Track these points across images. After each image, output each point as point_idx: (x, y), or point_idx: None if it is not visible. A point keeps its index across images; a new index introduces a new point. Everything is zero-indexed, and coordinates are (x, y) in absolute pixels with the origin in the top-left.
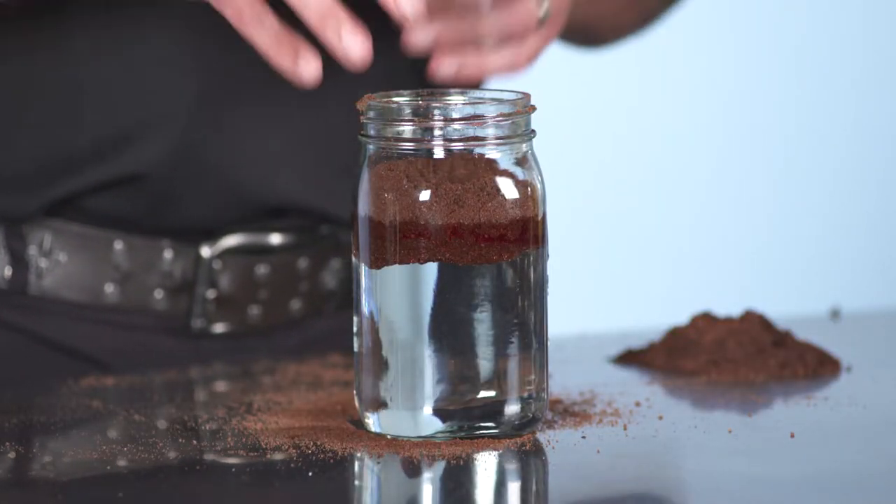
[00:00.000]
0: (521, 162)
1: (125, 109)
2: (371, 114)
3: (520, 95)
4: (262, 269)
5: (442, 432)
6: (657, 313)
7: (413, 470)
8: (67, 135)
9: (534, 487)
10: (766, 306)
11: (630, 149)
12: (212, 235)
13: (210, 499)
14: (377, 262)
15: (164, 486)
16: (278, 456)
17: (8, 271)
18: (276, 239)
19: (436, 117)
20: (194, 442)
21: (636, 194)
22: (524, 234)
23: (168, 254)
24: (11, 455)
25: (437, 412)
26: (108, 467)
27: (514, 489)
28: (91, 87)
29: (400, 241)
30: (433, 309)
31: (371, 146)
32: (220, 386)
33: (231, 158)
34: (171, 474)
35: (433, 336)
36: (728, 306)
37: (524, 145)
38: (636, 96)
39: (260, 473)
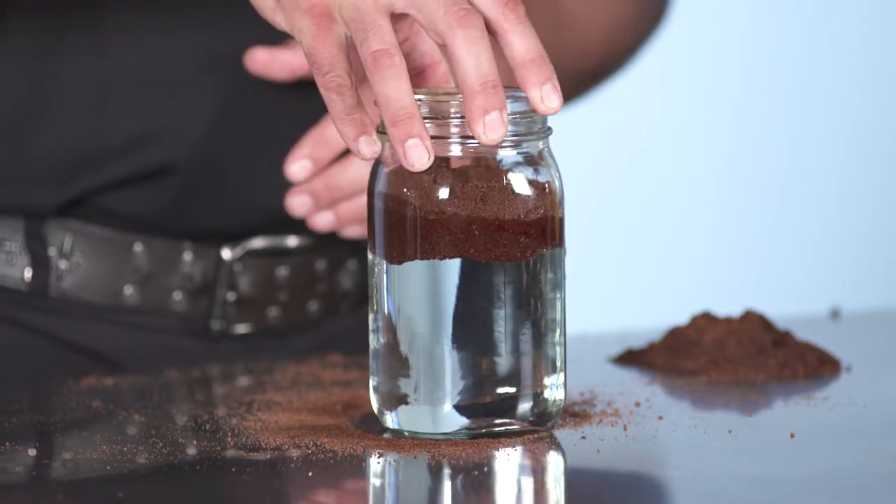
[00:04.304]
0: (539, 159)
1: (151, 106)
2: None
3: None
4: (282, 272)
5: (462, 430)
6: (657, 313)
7: (412, 470)
8: (94, 129)
9: (533, 487)
10: (766, 306)
11: (630, 150)
12: (233, 238)
13: (210, 498)
14: (398, 257)
15: (164, 485)
16: (278, 456)
17: (28, 273)
18: (294, 241)
19: (454, 115)
20: (194, 442)
21: (636, 195)
22: (545, 232)
23: (188, 256)
24: (11, 455)
25: (458, 408)
26: (108, 467)
27: (513, 489)
28: (119, 84)
29: (423, 237)
30: (455, 306)
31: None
32: (221, 386)
33: (253, 159)
34: (171, 474)
35: (455, 333)
36: (728, 306)
37: (541, 143)
38: (634, 99)
39: (259, 473)
